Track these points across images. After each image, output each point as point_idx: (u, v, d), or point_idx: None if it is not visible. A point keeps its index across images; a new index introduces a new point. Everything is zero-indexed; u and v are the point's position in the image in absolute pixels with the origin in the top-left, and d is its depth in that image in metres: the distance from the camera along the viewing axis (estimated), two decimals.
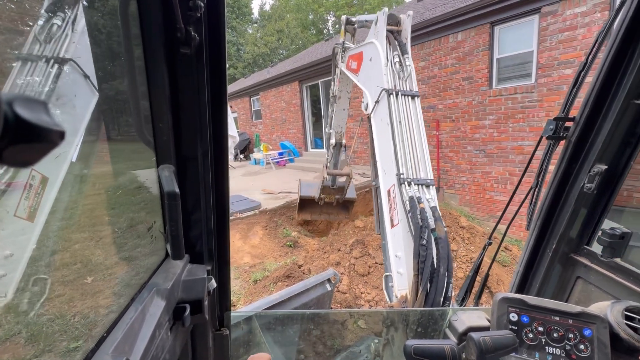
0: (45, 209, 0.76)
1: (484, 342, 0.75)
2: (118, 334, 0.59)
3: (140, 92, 0.75)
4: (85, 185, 0.89)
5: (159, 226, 0.88)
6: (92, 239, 0.96)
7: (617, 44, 1.01)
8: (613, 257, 1.07)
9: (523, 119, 5.80)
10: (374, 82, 2.72)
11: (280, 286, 4.30)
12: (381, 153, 2.49)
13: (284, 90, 12.40)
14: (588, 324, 0.85)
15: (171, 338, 0.76)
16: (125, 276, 0.96)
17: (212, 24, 0.73)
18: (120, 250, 1.00)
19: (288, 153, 12.28)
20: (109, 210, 0.99)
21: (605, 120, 1.07)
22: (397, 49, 2.75)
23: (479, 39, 6.20)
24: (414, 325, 1.54)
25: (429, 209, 1.98)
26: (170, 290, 0.76)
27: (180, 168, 0.83)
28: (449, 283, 1.70)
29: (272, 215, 6.57)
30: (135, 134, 0.79)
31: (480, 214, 6.74)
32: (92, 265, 0.95)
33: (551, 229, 1.25)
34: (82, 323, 0.83)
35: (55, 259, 0.86)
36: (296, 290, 2.89)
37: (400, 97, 2.46)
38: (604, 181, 1.09)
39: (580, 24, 4.98)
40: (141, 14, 0.68)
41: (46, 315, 0.78)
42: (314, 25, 28.51)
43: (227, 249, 1.04)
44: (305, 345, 1.76)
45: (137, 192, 1.02)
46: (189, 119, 0.79)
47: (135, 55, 0.72)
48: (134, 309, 0.66)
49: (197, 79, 0.75)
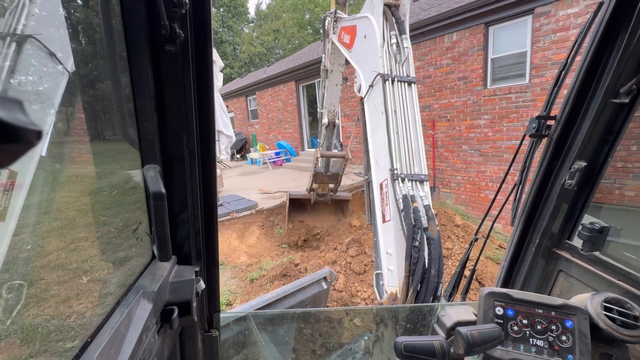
0: (16, 208, 0.71)
1: (471, 336, 0.77)
2: (103, 338, 0.57)
3: (124, 90, 0.74)
4: (62, 184, 0.87)
5: (145, 227, 0.87)
6: (74, 241, 0.94)
7: (595, 44, 1.04)
8: (593, 251, 1.10)
9: (517, 118, 5.85)
10: (369, 64, 2.53)
11: (276, 285, 4.31)
12: (374, 143, 2.36)
13: (281, 89, 12.39)
14: (569, 316, 0.88)
15: (159, 341, 0.75)
16: (111, 279, 0.94)
17: (198, 21, 0.72)
18: (105, 252, 0.98)
19: (285, 153, 12.27)
20: (93, 212, 0.96)
21: (585, 119, 1.10)
22: (394, 28, 2.47)
23: (474, 39, 6.24)
24: (403, 322, 1.56)
25: (422, 208, 1.93)
26: (158, 293, 0.75)
27: (166, 168, 0.81)
28: (439, 283, 1.70)
29: (269, 214, 6.58)
30: (119, 133, 0.77)
31: (475, 212, 6.80)
32: (75, 268, 0.93)
33: (534, 224, 1.28)
34: (66, 328, 0.80)
35: (34, 262, 0.83)
36: (292, 289, 2.89)
37: (397, 84, 2.28)
38: (584, 177, 1.12)
39: (572, 24, 5.03)
40: (124, 11, 0.66)
41: (27, 320, 0.76)
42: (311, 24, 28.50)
43: (216, 249, 1.03)
44: (300, 343, 1.77)
45: (121, 192, 1.01)
46: (175, 118, 0.77)
47: (118, 53, 0.71)
48: (119, 312, 0.65)
49: (183, 77, 0.74)
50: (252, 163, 12.76)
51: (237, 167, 12.80)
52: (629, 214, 1.28)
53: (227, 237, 5.81)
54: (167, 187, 0.75)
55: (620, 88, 1.00)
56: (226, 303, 4.20)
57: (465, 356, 0.80)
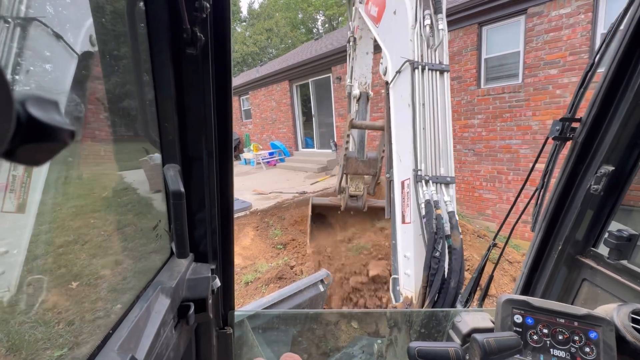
0: (34, 200, 0.73)
1: (487, 344, 0.74)
2: (123, 331, 0.59)
3: (147, 92, 0.75)
4: (88, 182, 0.90)
5: (164, 225, 0.89)
6: (95, 236, 0.96)
7: (625, 44, 1.00)
8: (620, 259, 1.07)
9: (510, 118, 5.90)
10: (397, 46, 2.23)
11: (272, 288, 4.24)
12: (398, 137, 2.15)
13: (274, 89, 12.29)
14: (594, 327, 0.85)
15: (175, 336, 0.77)
16: (131, 274, 0.97)
17: (218, 25, 0.74)
18: (126, 248, 1.01)
19: (278, 153, 12.17)
20: (114, 209, 1.00)
21: (613, 121, 1.06)
22: (429, 6, 2.15)
23: (468, 39, 6.26)
24: (417, 326, 1.53)
25: (446, 214, 1.77)
26: (175, 289, 0.76)
27: (185, 167, 0.83)
28: (458, 295, 1.61)
29: (263, 215, 6.48)
30: (142, 133, 0.80)
31: (469, 211, 6.84)
32: (97, 264, 0.95)
33: (557, 230, 1.24)
34: (88, 320, 0.83)
35: (56, 255, 0.85)
36: (289, 292, 2.84)
37: (427, 72, 2.01)
38: (611, 182, 1.09)
39: (565, 25, 5.09)
40: (148, 15, 0.68)
41: (51, 311, 0.78)
42: (304, 24, 28.38)
43: (232, 248, 1.04)
44: (299, 345, 1.72)
45: (141, 191, 1.03)
46: (195, 119, 0.79)
47: (142, 56, 0.73)
48: (139, 306, 0.66)
49: (203, 79, 0.75)
50: (245, 163, 12.61)
51: None
52: None
53: None
54: (185, 187, 0.77)
55: None
56: None
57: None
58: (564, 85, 5.12)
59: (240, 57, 28.31)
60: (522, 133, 5.71)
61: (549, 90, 5.28)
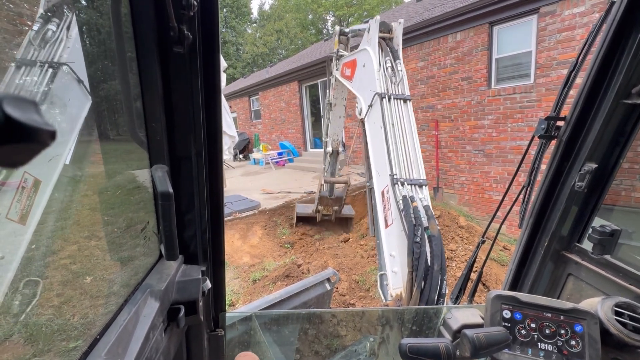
0: (37, 212, 0.75)
1: (477, 339, 0.76)
2: (111, 336, 0.58)
3: (133, 92, 0.74)
4: (78, 188, 0.88)
5: (153, 227, 0.87)
6: (85, 241, 0.95)
7: (607, 44, 1.02)
8: (603, 254, 1.09)
9: (522, 119, 5.81)
10: (368, 87, 2.80)
11: (279, 286, 4.31)
12: (375, 155, 2.55)
13: (283, 90, 12.40)
14: (579, 320, 0.86)
15: (165, 339, 0.76)
16: (119, 277, 0.94)
17: (206, 23, 0.73)
18: (114, 251, 0.98)
19: (287, 153, 12.28)
20: (102, 212, 0.97)
21: (596, 120, 1.08)
22: (389, 55, 2.84)
23: (478, 39, 6.21)
24: (409, 324, 1.55)
25: (422, 208, 2.02)
26: (165, 291, 0.75)
27: (174, 168, 0.82)
28: (443, 280, 1.72)
29: (272, 215, 6.58)
30: (129, 134, 0.78)
31: (479, 213, 6.75)
32: (85, 267, 0.94)
33: (543, 226, 1.26)
34: (75, 325, 0.81)
35: (47, 262, 0.84)
36: (296, 290, 2.89)
37: (393, 101, 2.54)
38: (594, 179, 1.10)
39: (578, 24, 4.99)
40: (133, 14, 0.67)
41: (38, 317, 0.77)
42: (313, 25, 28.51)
43: (222, 249, 1.03)
44: (303, 344, 1.76)
45: (130, 192, 1.01)
46: (183, 119, 0.78)
47: (128, 55, 0.71)
48: (127, 310, 0.65)
49: (191, 78, 0.74)
50: (254, 163, 12.78)
51: (240, 167, 12.83)
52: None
53: (230, 238, 5.81)
54: (174, 187, 0.76)
55: (632, 88, 0.99)
56: (229, 304, 4.20)
57: (471, 359, 0.79)
58: (576, 86, 5.00)
59: (250, 58, 28.58)
60: None
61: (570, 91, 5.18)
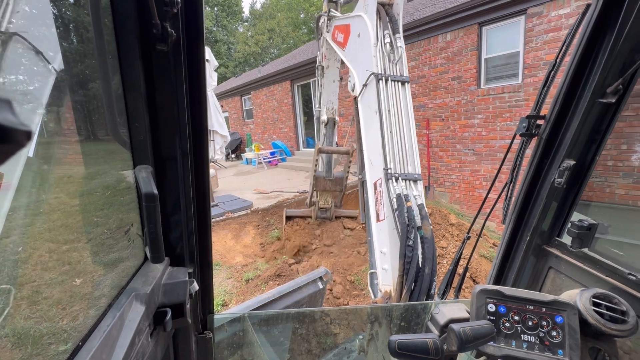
0: (2, 210, 0.70)
1: (464, 333, 0.78)
2: (95, 342, 0.57)
3: (115, 90, 0.72)
4: (47, 183, 0.85)
5: (137, 229, 0.85)
6: (64, 242, 0.93)
7: (583, 45, 1.06)
8: (581, 248, 1.12)
9: (510, 118, 5.91)
10: (362, 63, 2.51)
11: (271, 285, 4.31)
12: (368, 143, 2.37)
13: (276, 89, 12.36)
14: (559, 312, 0.90)
15: (152, 344, 0.74)
16: (102, 281, 0.92)
17: (190, 20, 0.72)
18: (96, 254, 0.96)
19: (280, 152, 12.25)
20: (82, 212, 0.95)
21: (573, 118, 1.12)
22: (387, 27, 2.46)
23: (468, 39, 6.29)
24: (397, 320, 1.57)
25: (416, 207, 1.94)
26: (150, 295, 0.74)
27: (158, 168, 0.80)
28: (433, 282, 1.71)
29: (264, 214, 6.57)
30: (110, 133, 0.76)
31: (469, 211, 6.85)
32: (65, 271, 0.91)
33: (525, 222, 1.29)
34: (55, 332, 0.78)
35: (23, 264, 0.81)
36: (288, 289, 2.88)
37: (390, 83, 2.27)
38: (573, 176, 1.14)
39: (564, 25, 5.10)
40: (114, 9, 0.65)
41: (17, 323, 0.73)
42: (305, 24, 28.42)
43: (210, 250, 1.02)
44: (295, 343, 1.77)
45: (113, 193, 1.00)
46: (167, 118, 0.77)
47: (109, 52, 0.70)
48: (111, 315, 0.64)
49: (175, 77, 0.73)
50: (247, 163, 12.72)
51: (232, 167, 12.74)
52: (617, 211, 1.30)
53: (223, 238, 5.78)
54: (159, 188, 0.74)
55: (607, 88, 1.02)
56: (222, 304, 4.19)
57: (458, 353, 0.81)
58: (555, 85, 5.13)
59: (242, 57, 28.37)
60: None
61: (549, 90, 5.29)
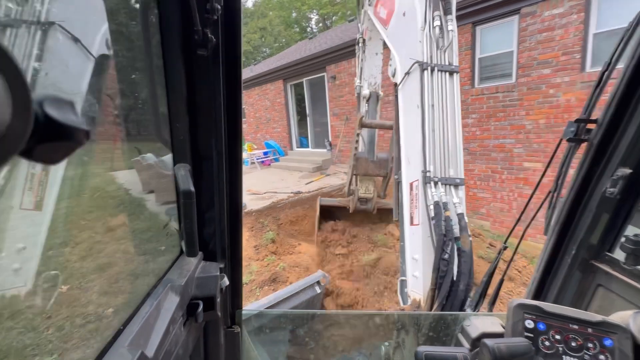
0: (51, 198, 0.75)
1: (498, 349, 0.73)
2: (134, 327, 0.60)
3: (159, 92, 0.76)
4: (90, 171, 0.89)
5: (174, 224, 0.90)
6: (107, 233, 0.98)
7: None
8: (637, 265, 1.04)
9: (504, 117, 5.93)
10: (406, 47, 2.21)
11: (266, 290, 4.18)
12: (407, 138, 2.13)
13: (268, 88, 12.18)
14: (609, 334, 0.83)
15: (184, 333, 0.78)
16: (141, 271, 0.99)
17: (229, 26, 0.75)
18: (136, 245, 1.02)
19: (273, 152, 12.07)
20: (125, 206, 1.01)
21: (630, 122, 1.03)
22: (439, 7, 2.11)
23: (462, 38, 6.27)
24: (425, 330, 1.50)
25: (455, 216, 1.75)
26: (184, 287, 0.78)
27: (195, 167, 0.84)
28: (467, 298, 1.59)
29: (258, 216, 6.38)
30: (154, 133, 0.82)
31: None
32: (108, 260, 0.96)
33: (570, 234, 1.21)
34: (99, 316, 0.85)
35: (69, 252, 0.87)
36: (285, 294, 2.83)
37: (437, 73, 2.00)
38: (628, 186, 1.06)
39: (557, 25, 5.12)
40: (160, 18, 0.70)
41: (65, 307, 0.79)
42: (297, 23, 28.21)
43: (240, 247, 1.06)
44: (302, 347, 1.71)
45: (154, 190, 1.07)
46: (205, 119, 0.80)
47: (154, 58, 0.74)
48: (149, 304, 0.67)
49: (213, 80, 0.76)
50: None
51: None
52: None
53: None
54: (195, 186, 0.78)
55: None
56: None
57: None
58: (556, 85, 5.17)
59: None
60: (516, 132, 5.75)
61: (542, 89, 5.33)
